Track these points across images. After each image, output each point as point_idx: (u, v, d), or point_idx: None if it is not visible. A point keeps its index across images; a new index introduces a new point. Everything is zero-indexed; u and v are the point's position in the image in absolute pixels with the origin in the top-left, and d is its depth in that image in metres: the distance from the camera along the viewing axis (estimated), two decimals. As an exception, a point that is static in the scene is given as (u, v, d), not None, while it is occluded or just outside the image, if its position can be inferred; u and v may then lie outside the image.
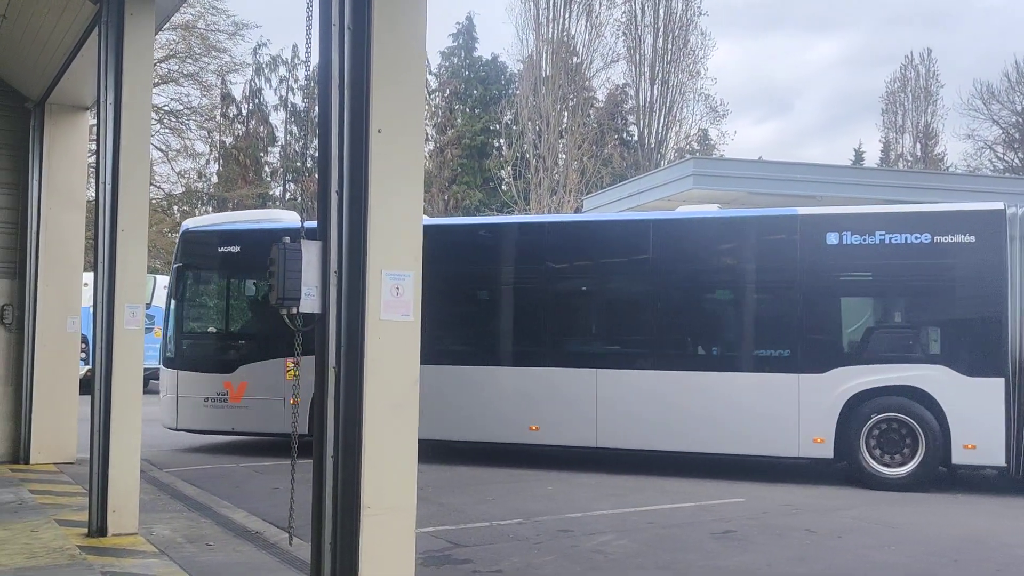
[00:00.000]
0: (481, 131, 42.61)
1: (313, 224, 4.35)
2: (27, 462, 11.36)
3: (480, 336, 13.17)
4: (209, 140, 39.43)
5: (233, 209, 40.15)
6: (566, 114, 39.11)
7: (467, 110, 43.97)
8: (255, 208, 40.25)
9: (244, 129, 44.74)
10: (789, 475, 11.63)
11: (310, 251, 4.12)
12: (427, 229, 4.82)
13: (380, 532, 4.03)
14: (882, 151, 52.79)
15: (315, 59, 4.34)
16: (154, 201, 31.62)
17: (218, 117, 41.02)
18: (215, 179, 42.15)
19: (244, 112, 45.26)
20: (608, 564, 7.28)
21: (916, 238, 10.94)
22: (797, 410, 11.07)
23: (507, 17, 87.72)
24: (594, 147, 38.36)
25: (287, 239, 4.18)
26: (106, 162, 7.71)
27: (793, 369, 11.22)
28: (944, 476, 11.06)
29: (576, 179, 36.66)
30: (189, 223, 15.07)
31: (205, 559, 6.87)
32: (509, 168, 39.32)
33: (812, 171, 22.90)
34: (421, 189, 4.30)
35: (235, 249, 13.91)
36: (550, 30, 39.34)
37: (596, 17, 39.88)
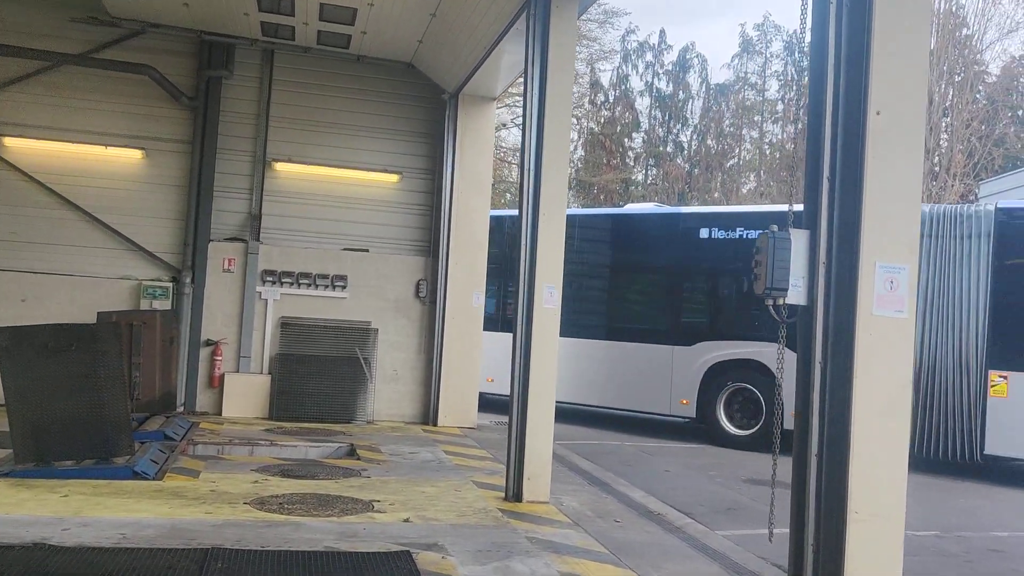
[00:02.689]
0: (851, 112, 40.16)
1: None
2: (435, 424, 12.38)
3: None
4: (577, 127, 40.80)
5: (597, 195, 41.36)
6: (951, 90, 35.70)
7: (836, 89, 41.60)
8: (616, 193, 41.18)
9: (610, 115, 45.64)
10: None
11: (798, 240, 3.96)
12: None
13: (867, 539, 3.81)
14: None
15: (807, 39, 4.14)
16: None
17: (586, 104, 42.25)
18: (580, 165, 43.56)
19: (611, 99, 46.18)
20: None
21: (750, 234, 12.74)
22: (670, 376, 13.59)
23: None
24: (983, 126, 34.68)
25: (775, 227, 4.05)
26: (530, 150, 8.03)
27: (667, 342, 13.80)
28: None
29: (962, 161, 33.40)
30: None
31: (617, 535, 7.00)
32: (882, 150, 36.68)
33: None
34: (920, 176, 3.97)
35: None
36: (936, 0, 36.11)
37: (992, -17, 35.88)
